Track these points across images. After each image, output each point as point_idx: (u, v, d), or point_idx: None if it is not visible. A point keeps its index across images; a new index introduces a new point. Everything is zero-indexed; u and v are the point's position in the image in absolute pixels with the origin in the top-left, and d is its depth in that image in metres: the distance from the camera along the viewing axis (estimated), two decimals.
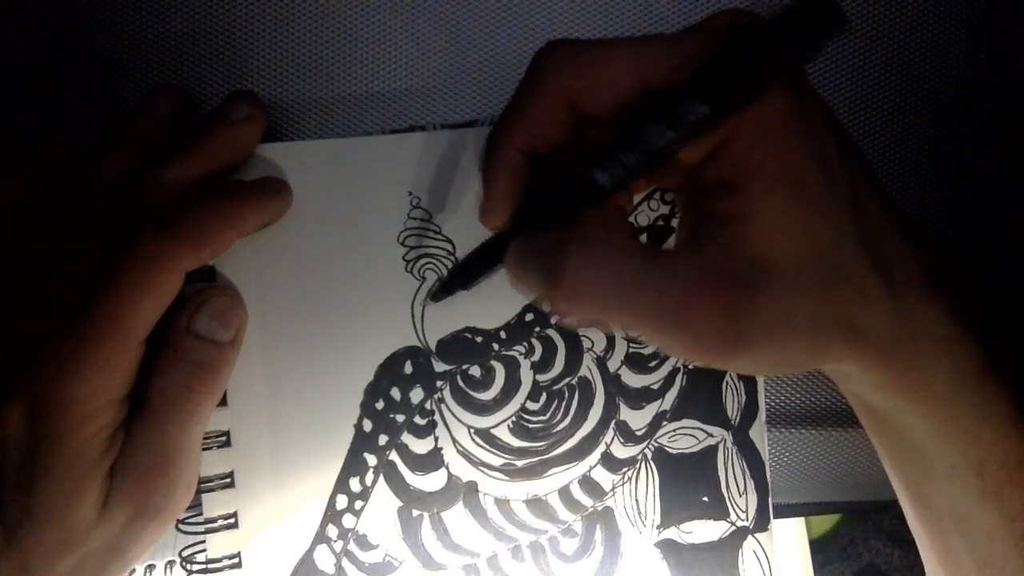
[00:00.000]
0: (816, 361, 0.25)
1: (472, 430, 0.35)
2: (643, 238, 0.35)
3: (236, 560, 0.32)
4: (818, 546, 0.59)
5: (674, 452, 0.36)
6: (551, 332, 0.35)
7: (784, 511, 0.39)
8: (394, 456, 0.34)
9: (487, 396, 0.35)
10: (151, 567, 0.32)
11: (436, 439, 0.35)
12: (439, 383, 0.35)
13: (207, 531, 0.32)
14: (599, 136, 0.26)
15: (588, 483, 0.36)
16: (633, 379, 0.36)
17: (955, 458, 0.26)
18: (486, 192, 0.28)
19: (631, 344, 0.36)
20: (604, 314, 0.24)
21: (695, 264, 0.24)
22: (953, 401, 0.26)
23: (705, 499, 0.36)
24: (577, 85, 0.25)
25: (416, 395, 0.34)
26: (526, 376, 0.35)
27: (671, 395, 0.36)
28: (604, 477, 0.36)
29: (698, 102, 0.22)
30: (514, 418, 0.35)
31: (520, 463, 0.35)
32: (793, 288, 0.24)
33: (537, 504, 0.35)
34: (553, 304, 0.24)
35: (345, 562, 0.34)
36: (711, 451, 0.36)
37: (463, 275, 0.31)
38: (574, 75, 0.25)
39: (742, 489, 0.37)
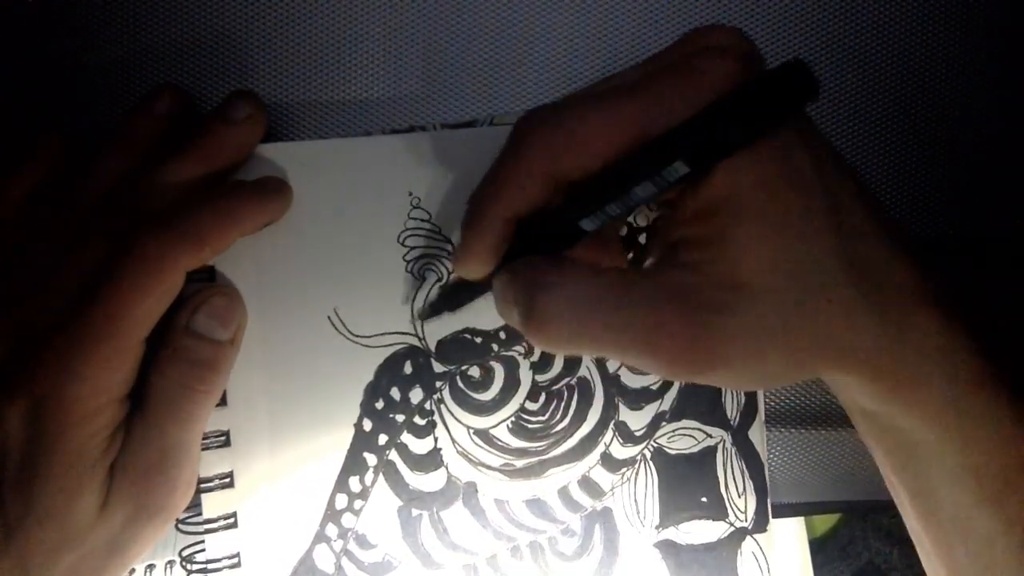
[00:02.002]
0: (799, 376, 0.26)
1: (471, 430, 0.35)
2: (642, 238, 0.35)
3: (235, 560, 0.32)
4: (818, 546, 0.59)
5: (673, 452, 0.36)
6: None
7: (784, 511, 0.39)
8: (394, 456, 0.34)
9: (486, 396, 0.35)
10: (151, 567, 0.33)
11: (436, 439, 0.35)
12: (439, 383, 0.35)
13: (206, 531, 0.32)
14: (584, 181, 0.26)
15: (587, 483, 0.36)
16: (632, 379, 0.36)
17: (952, 464, 0.26)
18: (464, 250, 0.28)
19: None
20: (575, 350, 0.25)
21: (665, 286, 0.24)
22: (948, 410, 0.26)
23: (704, 500, 0.36)
24: (557, 164, 0.25)
25: (416, 395, 0.34)
26: (525, 376, 0.35)
27: (670, 396, 0.36)
28: (603, 477, 0.36)
29: (678, 162, 0.22)
30: (513, 418, 0.35)
31: (519, 463, 0.35)
32: (767, 308, 0.24)
33: (536, 504, 0.35)
34: (528, 341, 0.24)
35: (345, 561, 0.34)
36: (710, 452, 0.36)
37: (450, 299, 0.32)
38: (554, 153, 0.25)
39: (741, 490, 0.37)
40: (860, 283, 0.25)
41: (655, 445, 0.36)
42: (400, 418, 0.34)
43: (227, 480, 0.32)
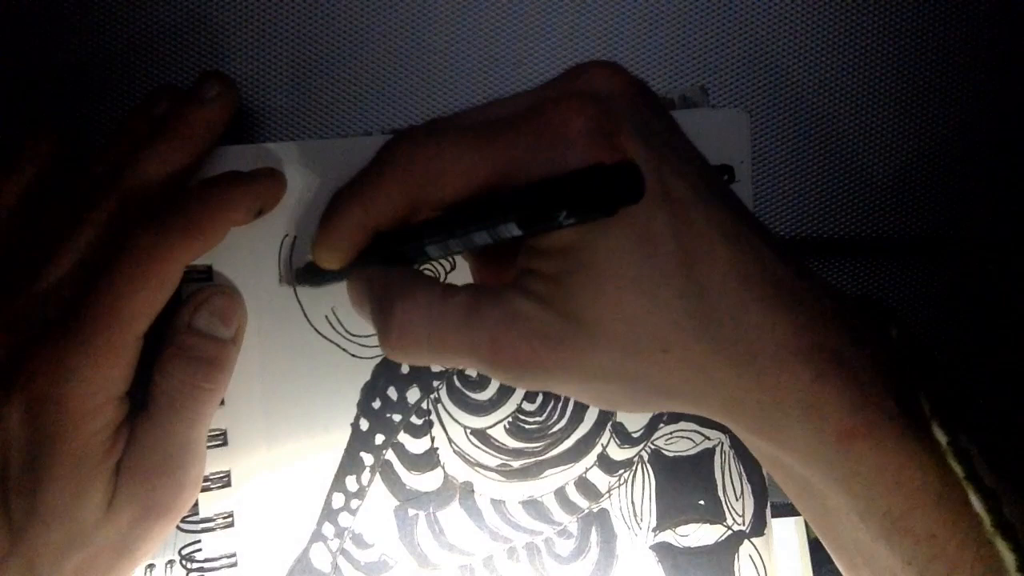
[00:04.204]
0: (658, 409, 0.29)
1: (468, 430, 0.35)
2: None
3: (233, 559, 0.33)
4: (817, 545, 0.58)
5: (671, 455, 0.36)
6: None
7: (783, 511, 0.39)
8: (390, 455, 0.34)
9: (483, 396, 0.35)
10: (151, 566, 0.33)
11: (432, 439, 0.35)
12: (436, 383, 0.35)
13: (203, 530, 0.32)
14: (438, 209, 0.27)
15: (584, 485, 0.36)
16: None
17: (840, 504, 0.26)
18: (319, 244, 0.29)
19: None
20: (427, 360, 0.27)
21: (508, 312, 0.25)
22: (817, 460, 0.25)
23: (701, 502, 0.36)
24: (412, 189, 0.26)
25: (413, 395, 0.34)
26: None
27: None
28: (600, 479, 0.36)
29: (510, 223, 0.23)
30: (510, 419, 0.35)
31: (516, 464, 0.35)
32: (603, 352, 0.25)
33: (533, 505, 0.35)
34: (382, 348, 0.27)
35: (341, 560, 0.34)
36: (708, 454, 0.36)
37: (314, 276, 0.32)
38: (410, 180, 0.26)
39: (739, 493, 0.37)
40: (714, 339, 0.24)
41: (652, 447, 0.36)
42: (397, 418, 0.34)
43: (224, 479, 0.33)
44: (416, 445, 0.35)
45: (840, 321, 0.25)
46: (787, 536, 0.41)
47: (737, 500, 0.36)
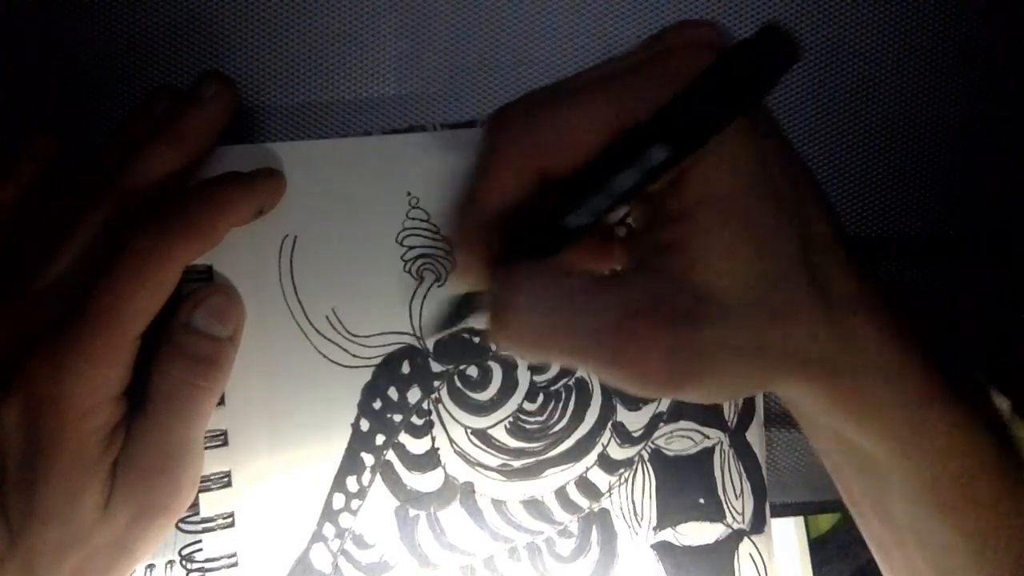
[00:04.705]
0: (761, 388, 0.26)
1: (469, 430, 0.35)
2: None
3: (233, 559, 0.33)
4: (817, 545, 0.58)
5: (671, 454, 0.36)
6: None
7: (783, 510, 0.39)
8: (391, 456, 0.34)
9: (484, 396, 0.35)
10: (151, 567, 0.33)
11: (433, 439, 0.35)
12: (436, 383, 0.35)
13: (204, 530, 0.32)
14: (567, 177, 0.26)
15: (585, 484, 0.36)
16: None
17: (907, 475, 0.26)
18: (462, 260, 0.27)
19: None
20: (540, 354, 0.25)
21: (637, 294, 0.23)
22: (899, 423, 0.26)
23: (701, 501, 0.36)
24: (535, 160, 0.25)
25: (413, 395, 0.34)
26: (523, 377, 0.35)
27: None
28: (601, 478, 0.36)
29: (660, 146, 0.22)
30: (511, 419, 0.35)
31: (517, 464, 0.35)
32: (738, 320, 0.23)
33: (533, 505, 0.35)
34: (492, 340, 0.24)
35: (342, 561, 0.34)
36: (707, 453, 0.36)
37: (453, 316, 0.31)
38: (531, 149, 0.25)
39: (738, 492, 0.37)
40: (820, 297, 0.24)
41: (653, 446, 0.36)
42: (398, 418, 0.34)
43: (225, 479, 0.33)
44: (417, 445, 0.35)
45: (893, 292, 0.26)
46: (787, 535, 0.42)
47: (737, 498, 0.37)
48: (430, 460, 0.35)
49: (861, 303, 0.25)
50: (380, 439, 0.34)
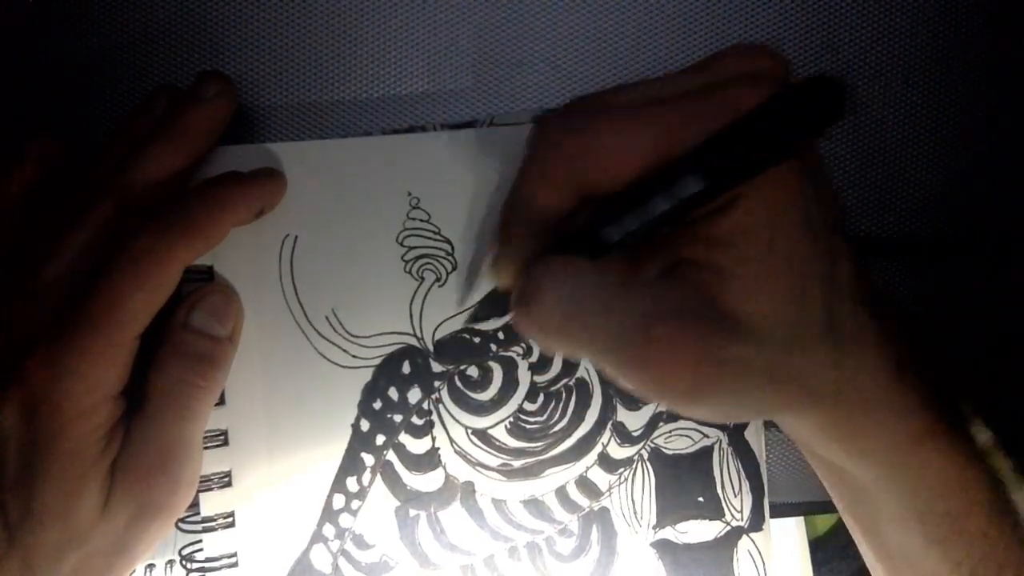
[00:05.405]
0: (770, 415, 0.27)
1: (469, 430, 0.35)
2: None
3: (233, 559, 0.33)
4: (817, 545, 0.58)
5: (670, 453, 0.36)
6: None
7: (783, 510, 0.39)
8: (391, 456, 0.34)
9: (485, 396, 0.35)
10: (151, 566, 0.33)
11: (433, 439, 0.35)
12: (437, 383, 0.35)
13: (204, 530, 0.32)
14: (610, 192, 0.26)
15: (585, 483, 0.36)
16: None
17: (899, 507, 0.27)
18: (502, 268, 0.27)
19: None
20: (563, 346, 0.24)
21: (669, 301, 0.23)
22: (895, 458, 0.26)
23: (700, 499, 0.36)
24: (582, 173, 0.25)
25: (414, 395, 0.34)
26: (524, 377, 0.35)
27: None
28: (600, 477, 0.36)
29: (696, 179, 0.22)
30: (511, 419, 0.35)
31: (517, 463, 0.35)
32: (763, 347, 0.24)
33: (534, 504, 0.35)
34: (515, 326, 0.24)
35: (342, 561, 0.34)
36: (706, 452, 0.37)
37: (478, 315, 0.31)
38: (579, 161, 0.24)
39: (737, 490, 0.37)
40: (837, 334, 0.25)
41: (652, 445, 0.36)
42: (398, 418, 0.34)
43: (225, 479, 0.33)
44: (417, 445, 0.35)
45: (902, 328, 0.27)
46: (787, 535, 0.42)
47: (735, 496, 0.37)
48: (430, 460, 0.35)
49: (875, 341, 0.26)
50: (380, 439, 0.34)
